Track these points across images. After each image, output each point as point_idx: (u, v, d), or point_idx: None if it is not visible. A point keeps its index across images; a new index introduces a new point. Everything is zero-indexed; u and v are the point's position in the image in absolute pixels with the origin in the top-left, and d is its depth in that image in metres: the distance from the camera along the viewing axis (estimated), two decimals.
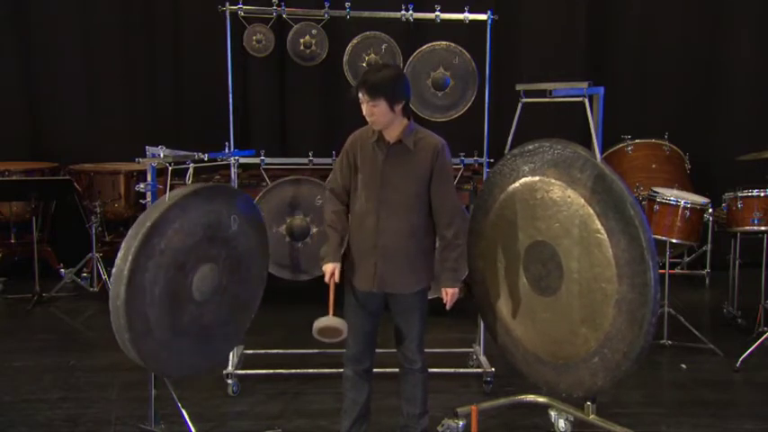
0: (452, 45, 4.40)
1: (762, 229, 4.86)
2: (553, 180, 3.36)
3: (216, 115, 4.84)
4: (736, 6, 6.91)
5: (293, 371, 4.26)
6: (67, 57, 6.64)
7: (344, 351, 3.34)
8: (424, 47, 4.40)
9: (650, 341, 3.13)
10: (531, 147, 3.47)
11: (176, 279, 3.16)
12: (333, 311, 3.17)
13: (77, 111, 6.68)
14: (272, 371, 4.24)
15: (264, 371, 4.23)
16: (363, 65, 4.39)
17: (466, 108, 4.45)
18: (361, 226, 3.21)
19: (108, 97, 6.74)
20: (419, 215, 3.19)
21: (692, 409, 4.03)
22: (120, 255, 3.02)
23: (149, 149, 3.44)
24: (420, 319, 3.28)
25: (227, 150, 4.04)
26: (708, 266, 6.37)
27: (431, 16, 4.27)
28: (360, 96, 3.11)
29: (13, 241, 6.18)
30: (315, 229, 4.36)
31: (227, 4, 4.15)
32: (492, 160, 4.11)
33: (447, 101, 4.43)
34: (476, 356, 4.41)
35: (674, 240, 4.85)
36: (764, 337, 4.72)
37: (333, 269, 3.20)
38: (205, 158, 3.43)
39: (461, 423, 3.56)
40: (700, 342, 4.83)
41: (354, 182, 3.23)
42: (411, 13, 4.28)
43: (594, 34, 6.90)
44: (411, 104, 3.31)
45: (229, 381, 4.09)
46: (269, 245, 3.68)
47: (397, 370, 3.39)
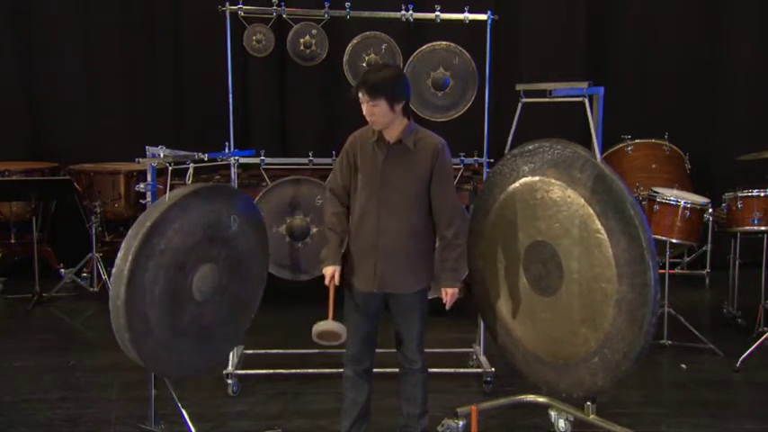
0: (452, 45, 4.40)
1: (762, 229, 4.86)
2: (553, 180, 3.36)
3: (216, 115, 4.84)
4: (736, 6, 6.91)
5: (293, 371, 4.26)
6: (67, 57, 6.64)
7: (344, 351, 3.34)
8: (424, 47, 4.40)
9: (650, 341, 3.13)
10: (531, 147, 3.47)
11: (176, 279, 3.16)
12: (332, 315, 3.17)
13: (77, 111, 6.69)
14: (272, 371, 4.24)
15: (264, 371, 4.23)
16: (363, 65, 4.39)
17: (466, 108, 4.45)
18: (362, 226, 3.20)
19: (108, 97, 6.74)
20: (419, 215, 3.19)
21: (692, 409, 4.03)
22: (120, 255, 3.03)
23: (149, 149, 3.44)
24: (420, 320, 3.28)
25: (227, 150, 4.04)
26: (708, 266, 6.37)
27: (431, 16, 4.27)
28: (360, 96, 3.11)
29: (13, 241, 6.18)
30: (315, 229, 4.36)
31: (227, 4, 4.15)
32: (492, 160, 4.11)
33: (447, 101, 4.43)
34: (476, 356, 4.40)
35: (674, 240, 4.85)
36: (764, 337, 4.72)
37: (333, 272, 3.20)
38: (205, 158, 3.43)
39: (461, 423, 3.56)
40: (700, 342, 4.83)
41: (354, 182, 3.23)
42: (411, 13, 4.28)
43: (594, 34, 6.89)
44: (411, 104, 3.31)
45: (229, 381, 4.09)
46: (269, 245, 3.68)
47: (397, 370, 3.39)
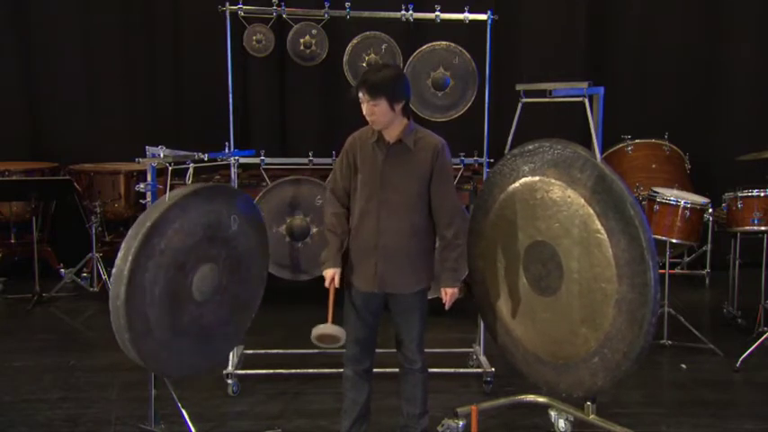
0: (452, 45, 4.40)
1: (762, 229, 4.85)
2: (553, 180, 3.36)
3: (216, 115, 4.84)
4: (736, 6, 6.91)
5: (293, 371, 4.26)
6: (67, 57, 6.64)
7: (344, 351, 3.34)
8: (424, 47, 4.40)
9: (650, 341, 3.13)
10: (531, 147, 3.46)
11: (176, 279, 3.16)
12: (332, 318, 3.17)
13: (77, 111, 6.68)
14: (272, 371, 4.24)
15: (264, 371, 4.23)
16: (363, 65, 4.39)
17: (466, 108, 4.45)
18: (362, 226, 3.20)
19: (108, 97, 6.74)
20: (420, 215, 3.19)
21: (692, 409, 4.03)
22: (120, 255, 3.03)
23: (149, 149, 3.43)
24: (420, 320, 3.28)
25: (227, 150, 4.04)
26: (708, 266, 6.37)
27: (431, 16, 4.27)
28: (360, 96, 3.11)
29: (13, 241, 6.18)
30: (315, 229, 4.36)
31: (227, 4, 4.15)
32: (492, 160, 4.11)
33: (447, 101, 4.43)
34: (476, 356, 4.40)
35: (674, 240, 4.85)
36: (764, 337, 4.72)
37: (333, 274, 3.21)
38: (205, 158, 3.43)
39: (461, 423, 3.56)
40: (700, 342, 4.83)
41: (354, 182, 3.23)
42: (411, 13, 4.28)
43: (594, 34, 6.89)
44: (411, 104, 3.31)
45: (229, 381, 4.09)
46: (269, 245, 3.68)
47: (397, 370, 3.39)
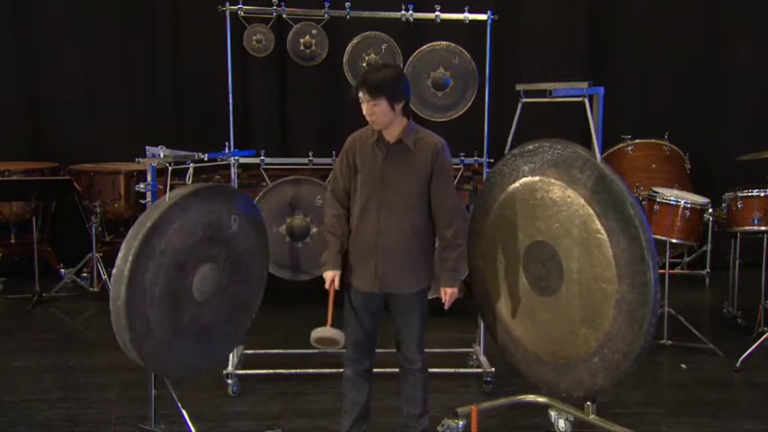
0: (452, 45, 4.40)
1: (762, 229, 4.85)
2: (553, 180, 3.36)
3: (216, 115, 4.84)
4: (736, 6, 6.91)
5: (293, 371, 4.26)
6: (67, 57, 6.64)
7: (344, 351, 3.33)
8: (424, 47, 4.40)
9: (650, 341, 3.13)
10: (531, 147, 3.46)
11: (176, 279, 3.16)
12: (331, 320, 3.16)
13: (77, 111, 6.69)
14: (272, 371, 4.24)
15: (264, 371, 4.23)
16: (363, 65, 4.39)
17: (466, 108, 4.45)
18: (362, 226, 3.20)
19: (108, 97, 6.74)
20: (420, 215, 3.19)
21: (692, 409, 4.03)
22: (121, 255, 3.03)
23: (149, 149, 3.43)
24: (420, 320, 3.28)
25: (227, 150, 4.04)
26: (708, 266, 6.37)
27: (431, 16, 4.27)
28: (360, 96, 3.11)
29: (13, 241, 6.18)
30: (315, 229, 4.36)
31: (227, 4, 4.15)
32: (492, 160, 4.11)
33: (447, 101, 4.42)
34: (476, 356, 4.40)
35: (674, 240, 4.85)
36: (764, 337, 4.72)
37: (333, 276, 3.21)
38: (205, 158, 3.43)
39: (461, 423, 3.56)
40: (700, 342, 4.83)
41: (354, 182, 3.23)
42: (411, 13, 4.28)
43: (594, 34, 6.89)
44: (411, 104, 3.31)
45: (229, 381, 4.09)
46: (269, 245, 3.68)
47: (397, 370, 3.39)
